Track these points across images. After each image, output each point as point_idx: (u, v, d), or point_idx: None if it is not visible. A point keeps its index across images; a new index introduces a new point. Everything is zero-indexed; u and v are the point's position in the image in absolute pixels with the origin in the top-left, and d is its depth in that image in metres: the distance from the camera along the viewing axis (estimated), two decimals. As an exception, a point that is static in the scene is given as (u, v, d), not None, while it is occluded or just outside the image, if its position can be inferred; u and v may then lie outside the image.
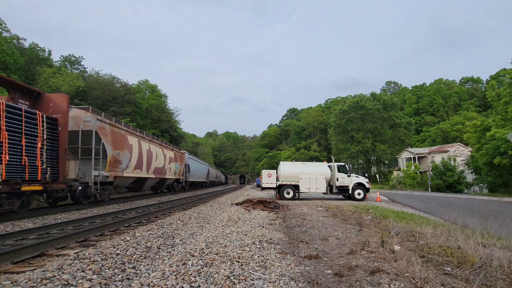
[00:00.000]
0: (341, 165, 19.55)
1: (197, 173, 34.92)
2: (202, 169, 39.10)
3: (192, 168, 31.29)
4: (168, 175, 22.42)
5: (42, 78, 32.42)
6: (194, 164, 32.76)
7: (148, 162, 18.21)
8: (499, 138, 24.42)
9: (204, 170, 40.30)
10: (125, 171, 15.30)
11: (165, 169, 21.62)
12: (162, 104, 46.53)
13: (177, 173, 24.89)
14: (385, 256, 4.77)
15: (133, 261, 4.55)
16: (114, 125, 14.55)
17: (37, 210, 11.01)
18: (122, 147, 14.96)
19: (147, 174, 18.30)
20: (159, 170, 20.34)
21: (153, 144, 19.58)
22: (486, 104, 55.50)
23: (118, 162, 14.37)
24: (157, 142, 20.90)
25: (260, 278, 3.87)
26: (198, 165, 36.42)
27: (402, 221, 8.73)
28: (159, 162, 20.11)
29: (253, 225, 8.14)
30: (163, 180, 22.23)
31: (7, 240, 6.04)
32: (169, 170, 22.43)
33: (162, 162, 20.85)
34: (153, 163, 19.03)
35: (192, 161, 32.03)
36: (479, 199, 20.38)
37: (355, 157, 53.42)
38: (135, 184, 18.24)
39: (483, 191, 36.60)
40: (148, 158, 18.23)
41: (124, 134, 15.45)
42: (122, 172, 14.96)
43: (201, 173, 37.50)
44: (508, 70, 38.23)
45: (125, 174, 15.32)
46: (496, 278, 3.73)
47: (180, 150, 27.84)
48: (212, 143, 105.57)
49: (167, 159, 21.92)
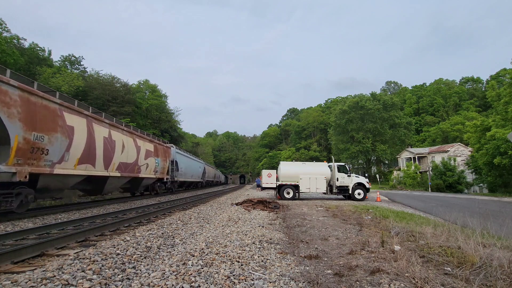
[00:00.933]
0: (341, 165, 19.55)
1: (189, 172, 30.73)
2: (196, 167, 35.06)
3: (182, 166, 27.11)
4: (145, 174, 17.89)
5: (42, 78, 32.44)
6: (184, 161, 28.43)
7: (107, 154, 13.44)
8: (499, 138, 24.41)
9: (199, 169, 36.47)
10: (59, 166, 10.43)
11: (139, 166, 16.92)
12: (162, 104, 46.57)
13: (159, 171, 20.29)
14: (385, 256, 4.77)
15: (133, 261, 4.55)
16: (33, 92, 9.46)
17: (37, 210, 11.02)
18: (51, 129, 10.03)
19: (106, 172, 13.54)
20: (129, 167, 15.64)
21: (116, 131, 14.63)
22: (486, 104, 55.49)
23: (41, 152, 9.56)
24: (125, 129, 15.90)
25: (260, 278, 3.87)
26: (191, 162, 31.83)
27: (402, 221, 8.73)
28: (128, 155, 15.48)
29: (253, 225, 8.14)
30: (138, 180, 17.72)
31: (7, 240, 6.04)
32: (145, 167, 17.80)
33: (134, 156, 16.23)
34: (117, 157, 14.33)
35: (182, 157, 27.51)
36: (479, 199, 20.37)
37: (355, 157, 53.42)
38: (89, 185, 13.59)
39: (483, 191, 36.59)
40: (107, 149, 13.43)
41: (56, 109, 10.44)
42: (52, 168, 10.14)
43: (194, 171, 33.50)
44: (508, 70, 38.24)
45: (59, 170, 10.45)
46: (496, 278, 3.73)
47: (165, 143, 23.34)
48: (212, 143, 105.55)
49: (142, 153, 17.37)
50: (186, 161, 29.41)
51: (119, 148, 14.63)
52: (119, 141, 14.63)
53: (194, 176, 33.68)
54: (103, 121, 13.62)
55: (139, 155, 16.98)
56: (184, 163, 27.96)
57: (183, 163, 27.73)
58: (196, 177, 34.87)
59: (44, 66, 36.10)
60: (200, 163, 38.17)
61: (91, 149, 12.27)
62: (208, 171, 44.56)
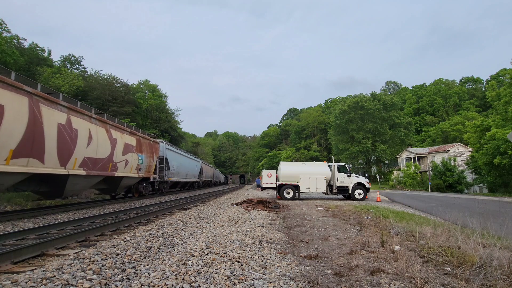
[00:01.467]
0: (341, 165, 19.56)
1: (183, 170, 27.64)
2: (192, 165, 32.01)
3: (174, 164, 24.39)
4: (123, 172, 14.99)
5: (42, 78, 32.44)
6: (177, 159, 25.55)
7: (64, 147, 10.32)
8: (499, 138, 24.41)
9: (195, 168, 33.53)
10: None
11: (115, 163, 14.07)
12: (162, 104, 46.54)
13: (143, 169, 17.54)
14: (385, 256, 4.77)
15: (133, 261, 4.55)
16: None
17: (37, 210, 11.01)
18: None
19: (63, 169, 10.35)
20: (99, 164, 12.71)
21: (79, 117, 11.45)
22: (486, 104, 55.51)
23: None
24: (95, 117, 12.71)
25: (260, 278, 3.87)
26: (184, 160, 28.56)
27: (402, 221, 8.72)
28: (97, 149, 12.49)
29: (253, 225, 8.14)
30: (114, 180, 14.79)
31: (7, 240, 6.04)
32: (123, 164, 14.92)
33: (107, 150, 13.35)
34: (80, 150, 11.26)
35: (173, 154, 24.67)
36: (479, 199, 20.37)
37: (355, 157, 53.41)
38: (40, 186, 10.70)
39: (483, 191, 36.61)
40: (64, 140, 10.31)
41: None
42: None
43: (189, 170, 30.28)
44: (508, 70, 38.21)
45: None
46: (496, 278, 3.73)
47: (151, 137, 20.08)
48: (212, 143, 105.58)
49: (120, 147, 14.46)
50: (179, 159, 26.53)
51: (84, 140, 11.55)
52: (83, 131, 11.58)
53: (190, 175, 30.80)
54: (58, 103, 10.23)
55: (115, 150, 14.02)
56: (176, 161, 25.29)
57: (176, 161, 25.10)
58: (192, 176, 32.00)
59: (44, 66, 36.08)
60: (197, 162, 35.23)
61: (36, 139, 9.12)
62: (205, 170, 42.15)
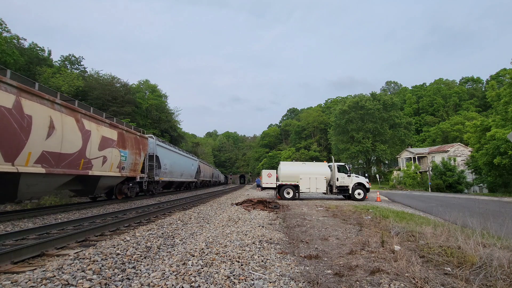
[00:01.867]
0: (341, 165, 19.56)
1: (178, 169, 25.19)
2: (188, 164, 29.35)
3: (167, 162, 22.02)
4: (100, 171, 12.62)
5: (42, 78, 32.44)
6: (170, 157, 23.13)
7: (8, 137, 8.11)
8: (499, 138, 24.41)
9: (191, 167, 30.82)
10: None
11: (88, 159, 11.73)
12: (162, 104, 46.58)
13: (127, 167, 15.25)
14: (385, 256, 4.77)
15: (133, 261, 4.55)
16: None
17: (37, 210, 11.01)
18: None
19: (11, 166, 8.25)
20: (65, 160, 10.41)
21: (35, 101, 9.10)
22: (486, 104, 55.50)
23: None
24: (60, 103, 10.25)
25: (260, 278, 3.87)
26: (179, 158, 25.94)
27: (402, 221, 8.72)
28: (61, 142, 10.11)
29: (253, 225, 8.14)
30: (90, 180, 12.55)
31: (7, 240, 6.04)
32: (100, 161, 12.55)
33: (76, 143, 10.96)
34: (36, 143, 9.07)
35: (166, 151, 22.26)
36: (479, 199, 20.37)
37: (355, 157, 53.42)
38: None
39: (483, 191, 36.60)
40: (10, 128, 8.13)
41: None
42: None
43: (185, 169, 27.80)
44: (508, 70, 38.21)
45: None
46: (496, 278, 3.73)
47: (139, 131, 17.67)
48: (212, 143, 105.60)
49: (95, 141, 12.13)
50: (173, 157, 24.05)
51: (42, 130, 9.28)
52: (41, 119, 9.25)
53: (185, 175, 28.37)
54: (1, 81, 7.90)
55: (88, 144, 11.65)
56: (169, 159, 22.87)
57: (168, 159, 22.66)
58: (188, 176, 29.42)
59: (44, 66, 36.10)
60: (193, 160, 32.72)
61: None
62: (204, 169, 39.90)
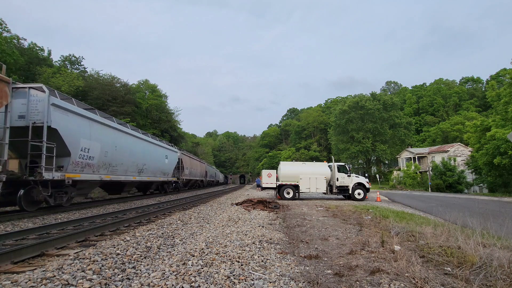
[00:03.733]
0: (341, 165, 19.55)
1: (125, 159, 15.29)
2: (158, 155, 19.83)
3: (86, 143, 12.02)
4: None
5: (42, 78, 32.45)
6: (98, 134, 12.94)
7: None
8: (499, 138, 24.41)
9: (164, 160, 21.11)
10: None
11: None
12: (162, 104, 46.55)
13: None
14: (385, 256, 4.77)
15: (133, 261, 4.55)
16: None
17: (37, 210, 11.00)
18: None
19: None
20: None
21: None
22: (486, 104, 55.48)
23: None
24: None
25: (260, 278, 3.87)
26: (132, 142, 16.21)
27: (402, 221, 8.72)
28: None
29: (253, 225, 8.14)
30: None
31: (7, 240, 6.04)
32: None
33: None
34: None
35: (81, 121, 11.91)
36: (479, 199, 20.37)
37: (355, 157, 53.41)
38: None
39: (483, 191, 36.59)
40: None
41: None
42: None
43: (147, 161, 18.04)
44: (508, 70, 38.21)
45: None
46: (496, 278, 3.73)
47: None
48: (212, 143, 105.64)
49: None
50: (112, 136, 14.21)
51: None
52: None
53: (151, 170, 18.86)
54: None
55: None
56: (98, 139, 12.90)
57: (97, 139, 12.90)
58: (157, 173, 20.36)
59: (44, 66, 36.11)
60: (170, 151, 23.12)
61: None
62: (190, 165, 31.12)
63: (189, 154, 34.24)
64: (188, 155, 32.98)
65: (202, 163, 41.64)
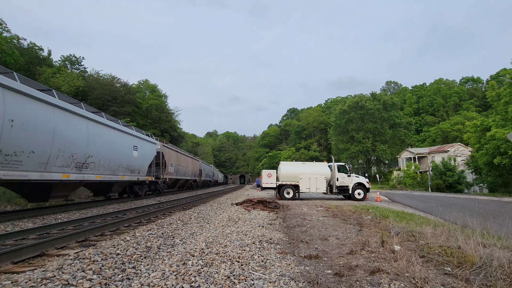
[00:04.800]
0: (341, 165, 19.55)
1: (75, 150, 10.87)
2: (125, 146, 15.05)
3: None
4: None
5: (42, 78, 32.44)
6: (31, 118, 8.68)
7: None
8: (499, 138, 24.40)
9: (132, 152, 15.70)
10: None
11: None
12: (162, 104, 46.53)
13: None
14: (385, 256, 4.77)
15: (133, 261, 4.55)
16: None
17: (37, 210, 11.01)
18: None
19: None
20: None
21: None
22: (486, 104, 55.46)
23: None
24: None
25: (260, 278, 3.87)
26: (85, 126, 11.59)
27: (402, 221, 8.72)
28: None
29: (253, 225, 8.14)
30: None
31: (7, 240, 6.04)
32: None
33: None
34: None
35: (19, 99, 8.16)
36: (479, 199, 20.37)
37: (355, 157, 53.41)
38: None
39: (483, 191, 36.59)
40: None
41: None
42: None
43: (111, 154, 13.67)
44: (508, 70, 38.23)
45: None
46: (496, 278, 3.73)
47: None
48: (212, 143, 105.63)
49: None
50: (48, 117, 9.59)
51: None
52: None
53: (114, 166, 14.10)
54: None
55: None
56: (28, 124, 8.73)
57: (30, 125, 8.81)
58: (124, 170, 15.13)
59: (44, 66, 36.09)
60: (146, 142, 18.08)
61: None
62: (176, 161, 25.13)
63: (175, 148, 27.76)
64: (174, 149, 26.30)
65: (195, 160, 35.07)
